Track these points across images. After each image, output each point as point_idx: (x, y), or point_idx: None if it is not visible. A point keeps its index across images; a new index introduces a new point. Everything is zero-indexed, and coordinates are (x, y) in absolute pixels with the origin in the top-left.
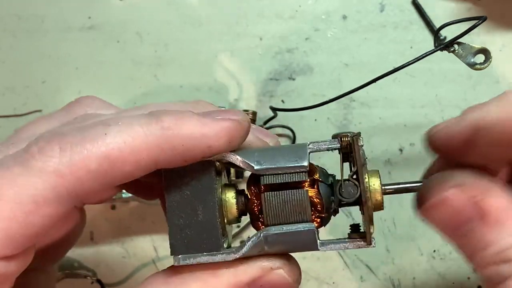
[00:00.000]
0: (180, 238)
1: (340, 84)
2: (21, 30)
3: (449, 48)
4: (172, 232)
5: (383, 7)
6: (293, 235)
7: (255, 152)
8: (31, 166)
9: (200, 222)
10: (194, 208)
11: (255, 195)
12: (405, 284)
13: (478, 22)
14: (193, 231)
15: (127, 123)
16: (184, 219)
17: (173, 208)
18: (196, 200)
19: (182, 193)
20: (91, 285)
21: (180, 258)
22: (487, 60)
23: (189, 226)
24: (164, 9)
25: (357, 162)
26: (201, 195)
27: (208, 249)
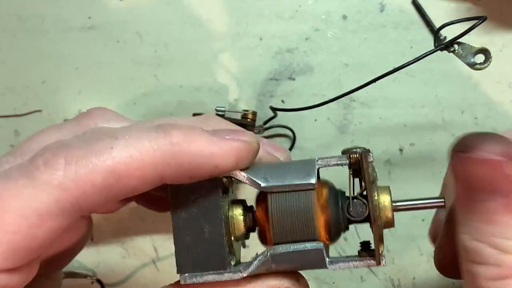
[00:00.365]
0: (186, 256)
1: (340, 84)
2: (21, 30)
3: (449, 48)
4: (178, 250)
5: (383, 7)
6: (300, 254)
7: (262, 168)
8: (36, 179)
9: (206, 240)
10: (201, 225)
11: (262, 211)
12: (405, 284)
13: (478, 22)
14: (199, 249)
15: (134, 136)
16: (190, 237)
17: (179, 225)
18: (202, 217)
19: (188, 210)
20: (91, 285)
21: (187, 277)
22: (487, 60)
23: (196, 244)
24: (164, 9)
25: (366, 180)
26: (208, 212)
27: (215, 268)
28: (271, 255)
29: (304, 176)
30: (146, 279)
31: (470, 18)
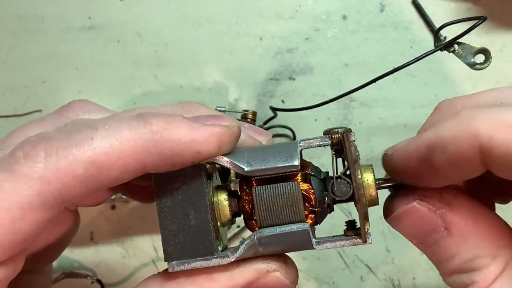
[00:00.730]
0: (173, 244)
1: (340, 84)
2: (21, 30)
3: (449, 48)
4: (165, 238)
5: (383, 7)
6: (287, 236)
7: (245, 152)
8: (17, 172)
9: (192, 226)
10: (186, 212)
11: (246, 194)
12: (405, 284)
13: (478, 22)
14: (186, 236)
15: (114, 126)
16: (176, 224)
17: (164, 213)
18: (187, 204)
19: (173, 198)
20: (91, 285)
21: (175, 264)
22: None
23: (182, 231)
24: (164, 9)
25: (349, 158)
26: (192, 199)
27: (202, 254)
28: (258, 239)
29: (287, 158)
30: None
31: (470, 18)
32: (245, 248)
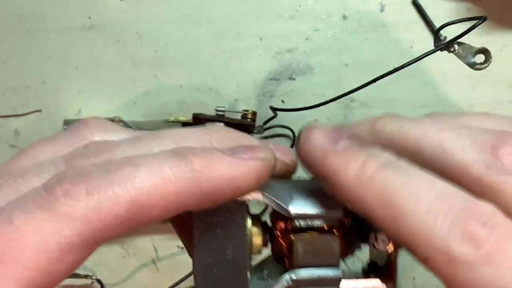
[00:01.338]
0: (207, 276)
1: (340, 84)
2: (21, 30)
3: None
4: (198, 270)
5: (383, 7)
6: (320, 280)
7: (289, 192)
8: (57, 211)
9: (229, 261)
10: (224, 247)
11: (282, 234)
12: (405, 284)
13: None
14: (220, 270)
15: (156, 165)
16: (212, 257)
17: (202, 246)
18: (226, 239)
19: (212, 232)
20: (91, 285)
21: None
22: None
23: (217, 264)
24: (164, 9)
25: None
26: (232, 234)
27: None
28: (293, 281)
29: (331, 204)
30: (146, 279)
31: (470, 18)
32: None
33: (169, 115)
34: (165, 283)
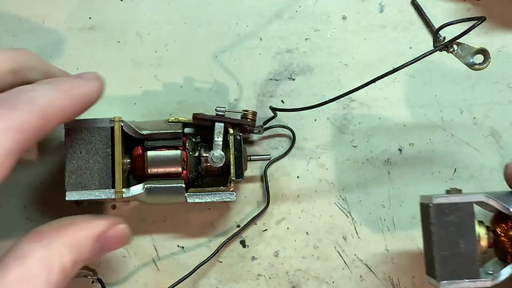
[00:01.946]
0: (444, 267)
1: (340, 84)
2: (21, 31)
3: (448, 48)
4: (438, 261)
5: (382, 8)
6: None
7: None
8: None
9: (461, 253)
10: (457, 242)
11: (504, 233)
12: (405, 284)
13: (477, 23)
14: (455, 261)
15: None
16: (448, 251)
17: (440, 240)
18: (459, 235)
19: (447, 229)
20: (92, 284)
21: (446, 284)
22: (486, 61)
23: (452, 257)
24: (164, 9)
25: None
26: (464, 231)
27: (467, 276)
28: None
29: None
30: (146, 279)
31: (469, 19)
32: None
33: (169, 115)
34: (166, 283)
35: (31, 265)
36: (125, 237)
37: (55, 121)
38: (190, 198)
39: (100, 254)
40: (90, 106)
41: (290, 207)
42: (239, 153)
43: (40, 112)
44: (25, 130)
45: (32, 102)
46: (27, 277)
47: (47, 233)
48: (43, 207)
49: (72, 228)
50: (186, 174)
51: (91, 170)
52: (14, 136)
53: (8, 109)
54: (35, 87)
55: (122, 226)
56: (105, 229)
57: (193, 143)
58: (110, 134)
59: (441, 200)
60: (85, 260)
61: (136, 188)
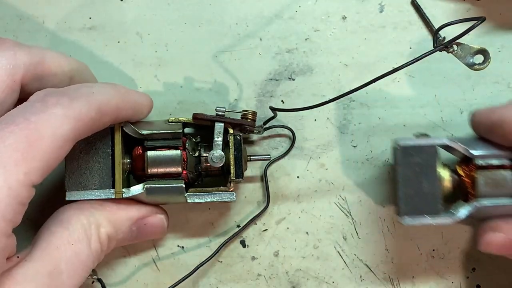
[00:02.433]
0: (407, 204)
1: (340, 84)
2: (22, 31)
3: (448, 48)
4: (401, 199)
5: (382, 8)
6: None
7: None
8: (56, 113)
9: (424, 192)
10: (421, 181)
11: (466, 174)
12: (404, 283)
13: (477, 23)
14: (418, 199)
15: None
16: (412, 189)
17: (404, 179)
18: (422, 176)
19: (413, 170)
20: (92, 284)
21: (407, 218)
22: (486, 61)
23: (416, 195)
24: (165, 9)
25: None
26: (427, 172)
27: (429, 213)
28: (477, 208)
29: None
30: (146, 279)
31: (469, 19)
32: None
33: (169, 115)
34: (166, 283)
35: (75, 230)
36: (162, 227)
37: (109, 117)
38: (190, 198)
39: (136, 239)
40: (139, 116)
41: (290, 207)
42: (239, 153)
43: (97, 106)
44: (82, 120)
45: (90, 96)
46: (70, 241)
47: (90, 204)
48: (43, 207)
49: (113, 207)
50: (186, 174)
51: (91, 170)
52: (72, 124)
53: (70, 99)
54: (95, 85)
55: (161, 216)
56: (144, 215)
57: (193, 143)
58: (110, 134)
59: (406, 142)
60: (121, 240)
61: (136, 188)
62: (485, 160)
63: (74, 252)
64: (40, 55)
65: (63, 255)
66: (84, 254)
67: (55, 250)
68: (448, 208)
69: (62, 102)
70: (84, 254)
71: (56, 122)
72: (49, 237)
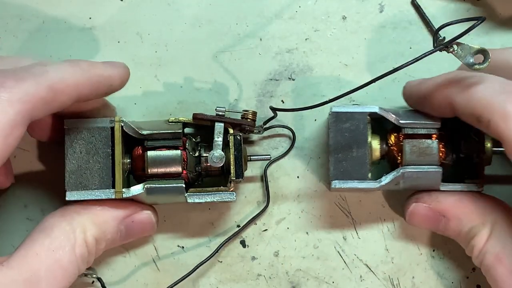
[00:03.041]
0: (338, 168)
1: (340, 84)
2: (22, 31)
3: (448, 48)
4: (333, 163)
5: (382, 8)
6: (424, 174)
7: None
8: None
9: (354, 157)
10: (351, 147)
11: (395, 142)
12: (404, 283)
13: (477, 23)
14: (348, 164)
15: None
16: (342, 154)
17: (336, 145)
18: (353, 141)
19: (343, 135)
20: (92, 284)
21: (337, 183)
22: (486, 61)
23: (346, 159)
24: (165, 9)
25: None
26: (357, 138)
27: (357, 178)
28: (402, 173)
29: (430, 118)
30: (146, 278)
31: (469, 19)
32: (391, 178)
33: (169, 115)
34: (166, 283)
35: (56, 237)
36: (151, 223)
37: (67, 95)
38: (190, 198)
39: (127, 238)
40: (109, 91)
41: (290, 207)
42: (239, 153)
43: (48, 85)
44: (31, 101)
45: (42, 75)
46: (51, 248)
47: (73, 209)
48: (43, 207)
49: (97, 208)
50: (186, 174)
51: (91, 170)
52: (19, 107)
53: (16, 81)
54: (50, 63)
55: (147, 212)
56: (130, 213)
57: (193, 143)
58: (110, 134)
59: (338, 109)
60: (111, 240)
61: (136, 188)
62: (413, 130)
63: (54, 259)
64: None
65: (43, 261)
66: (66, 260)
67: (34, 257)
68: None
69: (7, 85)
70: (66, 260)
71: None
72: (29, 244)
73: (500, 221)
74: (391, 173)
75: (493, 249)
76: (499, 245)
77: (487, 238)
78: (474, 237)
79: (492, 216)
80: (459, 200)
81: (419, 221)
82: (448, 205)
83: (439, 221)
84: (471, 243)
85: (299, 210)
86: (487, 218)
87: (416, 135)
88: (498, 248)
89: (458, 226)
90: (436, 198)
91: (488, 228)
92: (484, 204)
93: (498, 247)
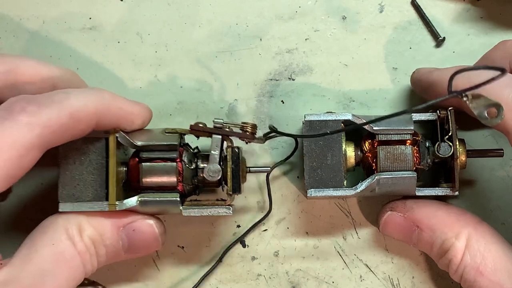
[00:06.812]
0: (313, 176)
1: (340, 84)
2: (22, 31)
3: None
4: (307, 171)
5: (382, 8)
6: (399, 179)
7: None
8: (20, 121)
9: (329, 165)
10: (325, 155)
11: (369, 149)
12: (404, 283)
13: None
14: (323, 172)
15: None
16: (317, 162)
17: (310, 153)
18: (327, 149)
19: (317, 143)
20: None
21: (312, 191)
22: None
23: (320, 167)
24: (165, 9)
25: (452, 129)
26: (331, 146)
27: (333, 186)
28: (377, 179)
29: (404, 124)
30: (146, 279)
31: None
32: (366, 185)
33: (170, 115)
34: (166, 283)
35: (55, 231)
36: (153, 235)
37: (86, 124)
38: (185, 212)
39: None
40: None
41: (290, 207)
42: (237, 166)
43: (69, 112)
44: (51, 127)
45: (63, 102)
46: (50, 242)
47: (71, 212)
48: (43, 207)
49: (97, 214)
50: (182, 187)
51: (85, 182)
52: (37, 131)
53: (38, 107)
54: (75, 90)
55: (150, 222)
56: (130, 221)
57: (190, 155)
58: (105, 145)
59: (312, 117)
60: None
61: (131, 201)
62: (386, 136)
63: (56, 251)
64: (12, 63)
65: (45, 256)
66: (68, 253)
67: (35, 253)
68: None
69: (29, 109)
70: (68, 253)
71: (19, 130)
72: (29, 243)
73: (474, 235)
74: (366, 180)
75: (473, 262)
76: (478, 258)
77: (463, 252)
78: (448, 250)
79: (467, 229)
80: (434, 211)
81: (392, 231)
82: (422, 215)
83: (412, 232)
84: (446, 257)
85: (299, 210)
86: (461, 231)
87: (390, 141)
88: (478, 261)
89: (432, 238)
90: (411, 208)
91: (462, 241)
92: (458, 217)
93: (477, 260)
